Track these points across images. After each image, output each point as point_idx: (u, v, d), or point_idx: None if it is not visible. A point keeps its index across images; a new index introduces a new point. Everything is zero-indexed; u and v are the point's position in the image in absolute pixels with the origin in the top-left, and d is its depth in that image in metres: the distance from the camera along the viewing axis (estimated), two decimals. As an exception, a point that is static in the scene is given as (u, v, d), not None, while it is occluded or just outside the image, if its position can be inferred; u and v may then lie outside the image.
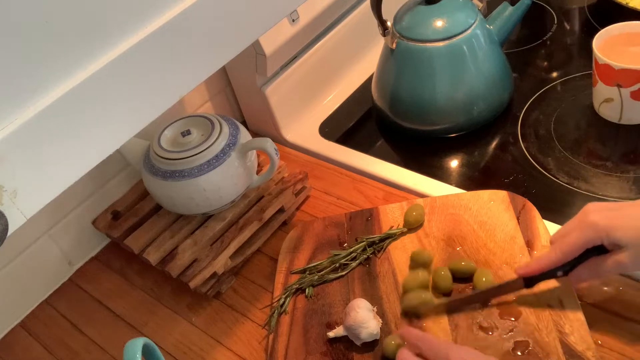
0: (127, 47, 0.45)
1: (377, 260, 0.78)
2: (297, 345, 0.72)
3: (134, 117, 0.47)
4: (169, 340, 0.79)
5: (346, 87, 1.09)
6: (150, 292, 0.86)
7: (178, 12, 0.48)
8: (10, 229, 0.40)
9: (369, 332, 0.68)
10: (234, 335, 0.78)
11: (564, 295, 0.68)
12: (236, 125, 0.83)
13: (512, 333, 0.67)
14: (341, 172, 0.95)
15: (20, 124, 0.40)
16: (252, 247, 0.85)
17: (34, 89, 0.41)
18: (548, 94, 0.97)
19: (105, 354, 0.80)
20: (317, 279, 0.77)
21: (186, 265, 0.80)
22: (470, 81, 0.91)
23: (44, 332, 0.85)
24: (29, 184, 0.42)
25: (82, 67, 0.43)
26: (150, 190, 0.82)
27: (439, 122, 0.94)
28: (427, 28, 0.89)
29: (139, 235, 0.85)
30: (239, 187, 0.82)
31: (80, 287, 0.90)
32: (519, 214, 0.78)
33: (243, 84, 1.02)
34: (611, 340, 0.66)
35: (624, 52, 0.86)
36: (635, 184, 0.81)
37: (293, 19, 0.94)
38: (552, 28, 1.10)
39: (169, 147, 0.80)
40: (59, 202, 0.86)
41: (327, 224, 0.85)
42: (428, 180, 0.89)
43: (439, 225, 0.80)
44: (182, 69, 0.50)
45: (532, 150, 0.89)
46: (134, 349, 0.55)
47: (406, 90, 0.93)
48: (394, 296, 0.74)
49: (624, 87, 0.84)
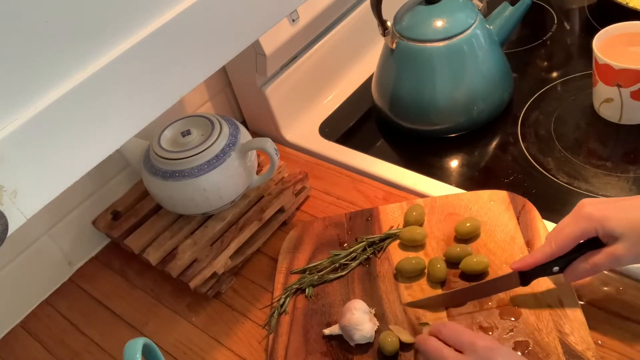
0: (127, 47, 0.45)
1: (377, 260, 0.78)
2: (297, 345, 0.72)
3: (134, 117, 0.47)
4: (169, 340, 0.79)
5: (346, 87, 1.09)
6: (150, 292, 0.86)
7: (178, 12, 0.48)
8: (10, 229, 0.40)
9: (362, 334, 0.68)
10: (234, 335, 0.78)
11: (563, 295, 0.68)
12: (236, 125, 0.83)
13: (512, 333, 0.67)
14: (341, 172, 0.95)
15: (20, 124, 0.40)
16: (252, 247, 0.85)
17: (34, 89, 0.41)
18: (548, 94, 0.97)
19: (105, 354, 0.80)
20: (317, 279, 0.77)
21: (186, 265, 0.80)
22: (470, 81, 0.91)
23: (44, 332, 0.85)
24: (29, 184, 0.42)
25: (82, 67, 0.43)
26: (150, 190, 0.82)
27: (439, 122, 0.94)
28: (427, 28, 0.89)
29: (139, 235, 0.85)
30: (239, 187, 0.82)
31: (80, 287, 0.90)
32: (519, 214, 0.78)
33: (243, 84, 1.02)
34: (611, 340, 0.66)
35: (624, 52, 0.86)
36: (635, 184, 0.81)
37: (293, 19, 0.94)
38: (552, 28, 1.10)
39: (169, 147, 0.80)
40: (59, 202, 0.86)
41: (327, 224, 0.85)
42: (428, 180, 0.89)
43: (439, 225, 0.80)
44: (182, 69, 0.50)
45: (532, 150, 0.89)
46: (134, 349, 0.55)
47: (406, 90, 0.93)
48: (394, 296, 0.74)
49: (624, 87, 0.84)
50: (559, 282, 0.69)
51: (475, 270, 0.73)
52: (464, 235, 0.77)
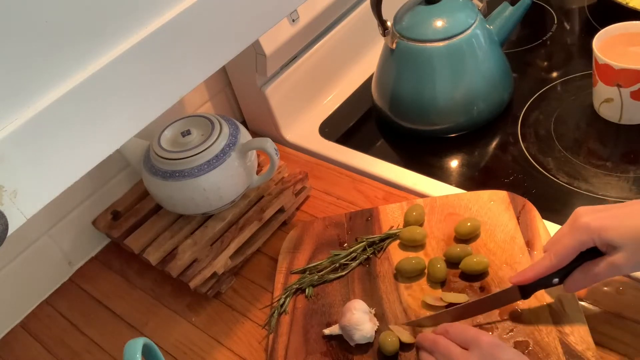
0: (127, 47, 0.45)
1: (377, 260, 0.78)
2: (297, 345, 0.72)
3: (134, 117, 0.47)
4: (169, 340, 0.79)
5: (346, 87, 1.09)
6: (150, 292, 0.86)
7: (178, 12, 0.48)
8: (10, 229, 0.40)
9: (362, 334, 0.68)
10: (234, 335, 0.78)
11: (563, 295, 0.68)
12: (236, 125, 0.83)
13: (512, 333, 0.67)
14: (341, 172, 0.95)
15: (20, 124, 0.40)
16: (252, 247, 0.85)
17: (34, 89, 0.41)
18: (548, 94, 0.97)
19: (105, 354, 0.80)
20: (317, 279, 0.77)
21: (186, 265, 0.80)
22: (470, 81, 0.91)
23: (44, 332, 0.85)
24: (29, 184, 0.42)
25: (82, 67, 0.43)
26: (150, 190, 0.82)
27: (439, 122, 0.94)
28: (427, 28, 0.89)
29: (139, 235, 0.85)
30: (239, 187, 0.82)
31: (80, 287, 0.90)
32: (519, 214, 0.78)
33: (243, 84, 1.02)
34: (611, 340, 0.66)
35: (624, 52, 0.86)
36: (635, 184, 0.81)
37: (293, 19, 0.94)
38: (552, 28, 1.10)
39: (169, 147, 0.80)
40: (59, 202, 0.86)
41: (327, 224, 0.85)
42: (428, 180, 0.89)
43: (439, 225, 0.80)
44: (182, 69, 0.50)
45: (532, 150, 0.89)
46: (134, 349, 0.55)
47: (406, 90, 0.93)
48: (394, 296, 0.74)
49: (624, 87, 0.84)
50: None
51: (475, 270, 0.73)
52: (464, 236, 0.77)
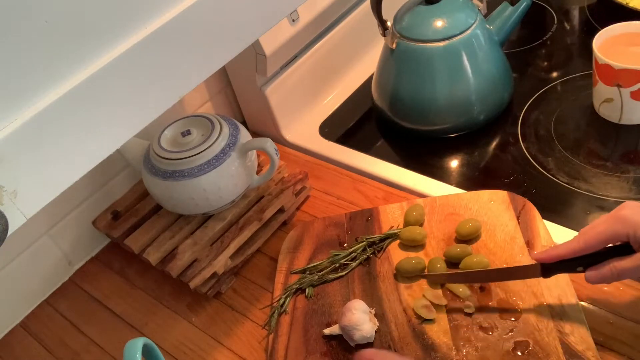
0: (127, 47, 0.45)
1: (377, 260, 0.78)
2: (297, 345, 0.72)
3: (134, 117, 0.47)
4: (169, 340, 0.79)
5: (346, 87, 1.09)
6: (150, 292, 0.86)
7: (178, 12, 0.48)
8: (10, 229, 0.40)
9: (362, 334, 0.68)
10: (234, 335, 0.78)
11: (564, 295, 0.68)
12: (236, 125, 0.83)
13: (512, 333, 0.67)
14: (341, 172, 0.95)
15: (20, 124, 0.40)
16: (252, 247, 0.85)
17: (34, 89, 0.41)
18: (548, 94, 0.97)
19: (105, 354, 0.80)
20: (317, 279, 0.77)
21: (186, 265, 0.80)
22: (470, 81, 0.91)
23: (44, 332, 0.85)
24: (29, 184, 0.42)
25: (82, 67, 0.43)
26: (150, 190, 0.82)
27: (439, 122, 0.94)
28: (427, 28, 0.89)
29: (139, 235, 0.85)
30: (239, 187, 0.82)
31: (80, 287, 0.90)
32: (519, 214, 0.78)
33: (243, 84, 1.02)
34: (611, 340, 0.66)
35: (624, 52, 0.86)
36: (635, 184, 0.81)
37: (293, 19, 0.94)
38: (552, 28, 1.10)
39: (169, 147, 0.80)
40: (59, 202, 0.86)
41: (327, 224, 0.85)
42: (428, 180, 0.89)
43: (439, 225, 0.80)
44: (182, 69, 0.50)
45: (532, 150, 0.89)
46: (134, 349, 0.55)
47: (406, 90, 0.93)
48: (394, 296, 0.74)
49: (624, 87, 0.84)
50: (559, 282, 0.69)
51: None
52: (465, 236, 0.77)
